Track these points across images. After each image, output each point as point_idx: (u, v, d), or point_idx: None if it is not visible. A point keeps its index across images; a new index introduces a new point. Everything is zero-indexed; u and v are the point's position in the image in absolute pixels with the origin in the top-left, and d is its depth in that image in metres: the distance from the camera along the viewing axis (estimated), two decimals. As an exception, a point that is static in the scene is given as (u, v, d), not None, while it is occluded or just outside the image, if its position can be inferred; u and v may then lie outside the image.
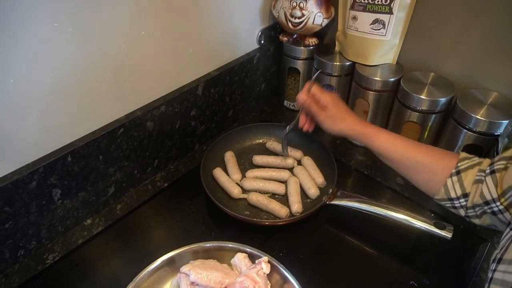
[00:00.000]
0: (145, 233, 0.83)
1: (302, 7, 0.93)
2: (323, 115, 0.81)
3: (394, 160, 0.72)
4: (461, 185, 0.63)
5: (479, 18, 0.80)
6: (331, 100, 0.80)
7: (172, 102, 0.87)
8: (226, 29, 0.96)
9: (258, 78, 1.12)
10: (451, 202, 0.65)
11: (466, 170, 0.63)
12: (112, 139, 0.78)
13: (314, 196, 0.87)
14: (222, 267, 0.67)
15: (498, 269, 0.48)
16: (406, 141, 0.71)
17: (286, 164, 0.95)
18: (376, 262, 0.77)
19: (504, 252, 0.48)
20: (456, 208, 0.65)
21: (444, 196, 0.65)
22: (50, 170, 0.70)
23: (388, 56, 0.94)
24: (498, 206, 0.57)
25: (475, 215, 0.63)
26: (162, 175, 0.95)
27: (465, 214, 0.65)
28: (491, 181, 0.58)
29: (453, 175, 0.64)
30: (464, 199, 0.63)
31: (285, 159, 0.95)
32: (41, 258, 0.76)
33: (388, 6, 0.86)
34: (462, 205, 0.64)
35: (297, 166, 0.95)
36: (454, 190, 0.63)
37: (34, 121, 0.67)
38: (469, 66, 0.86)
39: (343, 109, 0.80)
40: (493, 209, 0.58)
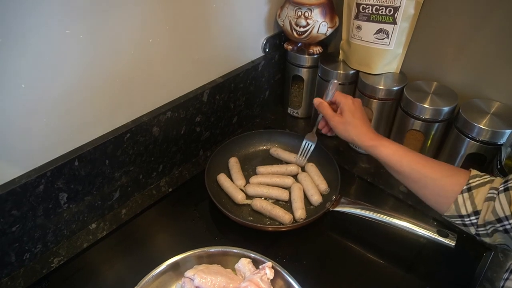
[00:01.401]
0: (149, 238, 0.83)
1: (307, 16, 0.95)
2: (337, 120, 0.80)
3: (402, 173, 0.71)
4: (472, 202, 0.62)
5: (482, 28, 0.81)
6: (350, 106, 0.79)
7: (178, 108, 0.89)
8: (232, 37, 0.98)
9: (263, 85, 1.13)
10: (461, 219, 0.64)
11: (478, 187, 0.62)
12: (118, 144, 0.79)
13: (316, 203, 0.87)
14: (226, 272, 0.67)
15: (510, 278, 0.49)
16: (415, 155, 0.71)
17: (290, 172, 0.95)
18: (379, 269, 0.77)
19: None
20: (466, 226, 0.64)
21: (455, 213, 0.64)
22: (57, 174, 0.71)
23: (391, 65, 0.95)
24: (511, 223, 0.57)
25: (486, 233, 0.62)
26: (166, 180, 0.96)
27: (475, 232, 0.64)
28: (505, 198, 0.57)
29: (464, 192, 0.63)
30: (475, 216, 0.62)
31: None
32: (46, 262, 0.76)
33: (392, 16, 0.87)
34: (473, 222, 0.63)
35: (301, 172, 0.95)
36: (465, 207, 0.63)
37: (43, 125, 0.68)
38: (472, 76, 0.87)
39: (359, 116, 0.78)
40: (506, 227, 0.58)
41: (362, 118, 0.79)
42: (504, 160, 0.73)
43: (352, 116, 0.78)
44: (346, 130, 0.78)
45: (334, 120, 0.80)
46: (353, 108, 0.79)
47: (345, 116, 0.78)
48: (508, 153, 0.73)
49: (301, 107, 1.17)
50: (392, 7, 0.86)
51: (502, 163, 0.74)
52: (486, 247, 0.79)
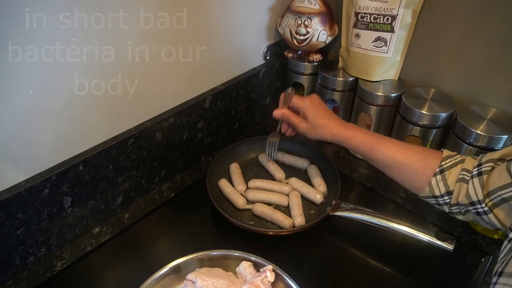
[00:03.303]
0: (151, 242, 0.84)
1: (307, 24, 0.97)
2: (303, 126, 0.81)
3: (376, 161, 0.74)
4: (445, 184, 0.65)
5: (477, 36, 0.83)
6: (309, 108, 0.80)
7: (180, 114, 0.90)
8: (233, 45, 1.00)
9: (264, 92, 1.15)
10: (435, 199, 0.68)
11: (450, 168, 0.66)
12: (122, 149, 0.81)
13: (319, 201, 0.88)
14: (227, 275, 0.68)
15: (499, 282, 0.49)
16: (388, 141, 0.73)
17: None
18: (379, 273, 0.78)
19: (505, 266, 0.50)
20: (440, 205, 0.68)
21: (429, 194, 0.68)
22: (62, 178, 0.73)
23: (390, 72, 0.97)
24: (483, 207, 0.60)
25: (459, 211, 0.66)
26: (169, 185, 0.97)
27: (449, 210, 0.68)
28: (478, 182, 0.60)
29: (437, 174, 0.66)
30: (448, 196, 0.66)
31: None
32: (50, 265, 0.77)
33: (389, 24, 0.89)
34: (446, 202, 0.67)
35: (293, 191, 0.93)
36: (438, 188, 0.66)
37: (49, 130, 0.70)
38: (469, 83, 0.89)
39: (322, 114, 0.79)
40: (478, 210, 0.61)
41: (325, 115, 0.80)
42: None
43: (316, 118, 0.79)
44: (317, 133, 0.80)
45: (302, 126, 0.81)
46: (314, 109, 0.80)
47: (310, 121, 0.79)
48: (505, 158, 0.74)
49: (302, 114, 1.18)
50: (389, 16, 0.89)
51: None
52: (485, 252, 0.80)
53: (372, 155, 0.74)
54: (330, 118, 0.79)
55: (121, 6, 0.70)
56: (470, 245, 0.81)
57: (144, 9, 0.73)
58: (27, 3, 0.58)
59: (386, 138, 0.75)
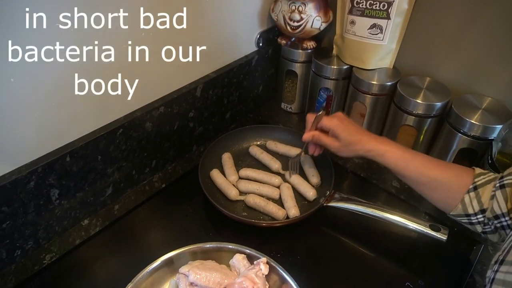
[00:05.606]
0: (142, 234, 0.83)
1: (301, 10, 0.94)
2: (336, 145, 0.78)
3: (409, 178, 0.71)
4: (479, 201, 0.62)
5: (474, 25, 0.82)
6: (339, 127, 0.77)
7: (171, 103, 0.88)
8: (225, 32, 0.97)
9: (256, 80, 1.13)
10: (468, 218, 0.65)
11: (484, 185, 0.63)
12: (111, 139, 0.78)
13: (312, 198, 0.87)
14: (221, 268, 0.67)
15: (500, 270, 0.49)
16: (421, 157, 0.71)
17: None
18: (372, 264, 0.78)
19: (507, 254, 0.50)
20: (473, 224, 0.65)
21: (461, 212, 0.65)
22: (48, 170, 0.70)
23: (385, 60, 0.96)
24: (507, 220, 0.58)
25: (490, 230, 0.63)
26: (160, 176, 0.95)
27: (482, 230, 0.64)
28: (501, 195, 0.59)
29: (471, 191, 0.63)
30: (482, 214, 0.63)
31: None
32: (38, 258, 0.75)
33: (385, 11, 0.87)
34: (480, 220, 0.63)
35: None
36: (472, 206, 0.63)
37: (33, 120, 0.67)
38: (464, 72, 0.88)
39: (354, 131, 0.77)
40: (502, 224, 0.59)
41: (357, 131, 0.77)
42: (495, 155, 0.74)
43: (349, 135, 0.76)
44: (350, 150, 0.77)
45: (334, 146, 0.79)
46: (344, 127, 0.77)
47: (342, 139, 0.77)
48: (499, 148, 0.74)
49: (295, 102, 1.17)
50: (386, 2, 0.86)
51: (493, 158, 0.75)
52: (477, 241, 0.81)
53: (406, 171, 0.71)
54: (362, 134, 0.77)
55: (121, 6, 0.68)
56: (462, 234, 0.82)
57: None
58: (27, 3, 0.57)
59: (418, 153, 0.72)
